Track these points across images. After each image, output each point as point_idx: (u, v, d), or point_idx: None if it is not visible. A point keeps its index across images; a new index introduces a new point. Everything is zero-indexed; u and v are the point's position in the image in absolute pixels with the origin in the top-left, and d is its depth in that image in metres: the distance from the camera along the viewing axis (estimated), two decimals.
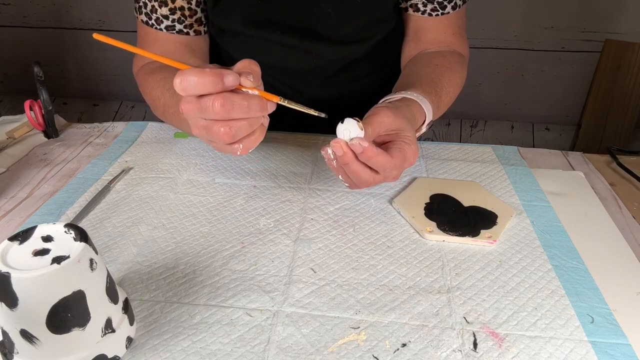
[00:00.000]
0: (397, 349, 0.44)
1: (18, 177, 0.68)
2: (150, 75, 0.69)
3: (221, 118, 0.44)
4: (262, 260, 0.54)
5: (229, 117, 0.44)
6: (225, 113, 0.43)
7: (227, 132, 0.45)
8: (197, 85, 0.43)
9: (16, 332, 0.37)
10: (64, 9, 1.95)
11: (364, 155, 0.49)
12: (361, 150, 0.49)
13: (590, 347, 0.44)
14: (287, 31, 0.72)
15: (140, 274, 0.51)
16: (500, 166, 0.72)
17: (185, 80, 0.43)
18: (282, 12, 0.71)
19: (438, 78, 0.67)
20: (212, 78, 0.42)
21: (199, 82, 0.42)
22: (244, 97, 0.44)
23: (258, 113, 0.45)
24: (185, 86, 0.43)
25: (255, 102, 0.45)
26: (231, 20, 0.72)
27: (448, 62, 0.71)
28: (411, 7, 0.75)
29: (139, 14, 0.72)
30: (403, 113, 0.55)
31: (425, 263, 0.54)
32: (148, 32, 0.72)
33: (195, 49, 0.74)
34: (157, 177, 0.68)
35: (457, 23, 0.76)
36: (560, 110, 1.96)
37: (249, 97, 0.44)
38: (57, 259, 0.37)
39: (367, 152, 0.49)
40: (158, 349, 0.43)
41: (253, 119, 0.46)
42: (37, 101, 0.75)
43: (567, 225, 0.60)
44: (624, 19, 1.75)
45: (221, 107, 0.43)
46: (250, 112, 0.45)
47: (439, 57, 0.73)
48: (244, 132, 0.46)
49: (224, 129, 0.45)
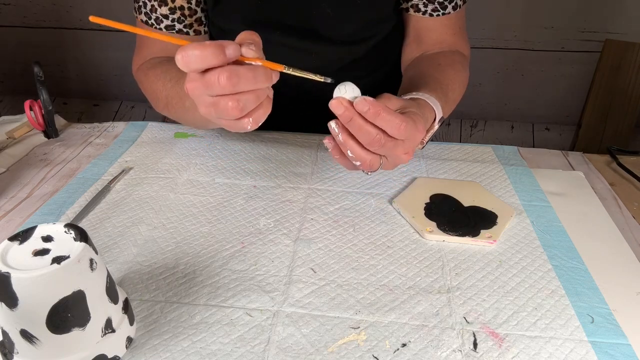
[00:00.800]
0: (397, 349, 0.44)
1: (18, 177, 0.68)
2: (150, 70, 0.69)
3: (228, 92, 0.43)
4: (262, 260, 0.54)
5: (236, 90, 0.43)
6: (232, 86, 0.43)
7: (236, 106, 0.44)
8: (199, 58, 0.42)
9: (16, 332, 0.37)
10: (64, 9, 1.95)
11: (371, 112, 0.46)
12: (367, 108, 0.46)
13: (590, 347, 0.44)
14: (287, 31, 0.72)
15: (140, 274, 0.51)
16: (500, 166, 0.72)
17: (187, 54, 0.42)
18: (282, 13, 0.71)
19: (442, 76, 0.66)
20: (213, 50, 0.41)
21: (200, 55, 0.42)
22: (249, 69, 0.43)
23: (264, 84, 0.44)
24: (187, 60, 0.42)
25: (260, 72, 0.44)
26: (231, 20, 0.72)
27: (450, 61, 0.71)
28: (412, 8, 0.75)
29: (138, 13, 0.72)
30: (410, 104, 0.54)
31: (425, 263, 0.54)
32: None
33: None
34: (157, 177, 0.68)
35: (458, 23, 0.76)
36: (560, 110, 1.96)
37: (254, 67, 0.43)
38: (57, 259, 0.37)
39: (375, 107, 0.46)
40: (158, 349, 0.43)
41: (260, 90, 0.45)
42: (37, 101, 0.75)
43: (567, 225, 0.60)
44: (624, 19, 1.75)
45: (227, 80, 0.42)
46: (256, 83, 0.44)
47: (441, 57, 0.72)
48: (252, 104, 0.45)
49: (232, 103, 0.44)
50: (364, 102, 0.46)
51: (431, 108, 0.58)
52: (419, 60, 0.75)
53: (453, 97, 0.67)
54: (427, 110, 0.58)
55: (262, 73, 0.44)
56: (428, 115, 0.58)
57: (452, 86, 0.66)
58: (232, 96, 0.44)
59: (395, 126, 0.47)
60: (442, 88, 0.63)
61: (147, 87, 0.70)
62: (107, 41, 1.96)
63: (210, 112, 0.46)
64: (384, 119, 0.47)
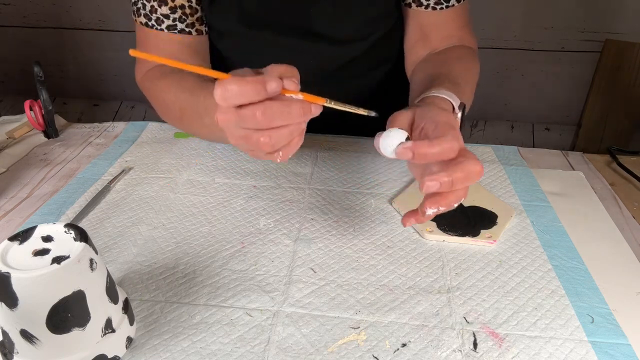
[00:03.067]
0: (397, 349, 0.44)
1: (18, 177, 0.68)
2: (160, 79, 0.67)
3: (262, 127, 0.42)
4: (262, 260, 0.54)
5: (270, 126, 0.42)
6: (267, 122, 0.42)
7: (267, 142, 0.43)
8: (239, 94, 0.41)
9: (16, 332, 0.37)
10: (63, 9, 1.95)
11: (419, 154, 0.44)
12: (411, 154, 0.44)
13: (590, 347, 0.44)
14: (285, 31, 0.72)
15: (140, 274, 0.51)
16: (500, 166, 0.72)
17: (227, 90, 0.41)
18: (280, 12, 0.70)
19: (449, 71, 0.63)
20: (254, 86, 0.40)
21: (241, 92, 0.41)
22: (285, 104, 0.42)
23: (300, 119, 0.43)
24: (227, 96, 0.41)
25: (296, 108, 0.42)
26: (227, 20, 0.71)
27: (457, 55, 0.69)
28: (414, 2, 0.73)
29: (137, 16, 0.70)
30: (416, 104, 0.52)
31: (425, 263, 0.54)
32: (148, 34, 0.70)
33: (198, 50, 0.72)
34: (157, 177, 0.68)
35: (464, 16, 0.74)
36: (560, 110, 1.96)
37: (290, 103, 0.42)
38: (57, 259, 0.37)
39: (419, 148, 0.44)
40: (158, 349, 0.43)
41: (294, 126, 0.44)
42: (37, 101, 0.75)
43: (567, 225, 0.60)
44: (624, 19, 1.75)
45: (263, 117, 0.41)
46: (292, 118, 0.42)
47: (448, 52, 0.70)
48: (285, 140, 0.44)
49: (264, 139, 0.43)
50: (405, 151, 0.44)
51: (442, 98, 0.55)
52: (426, 61, 0.72)
53: (467, 87, 0.63)
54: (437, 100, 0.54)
55: (298, 109, 0.42)
56: (440, 104, 0.54)
57: (463, 77, 0.63)
58: (265, 131, 0.43)
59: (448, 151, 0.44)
60: (449, 80, 0.60)
61: (155, 97, 0.68)
62: (107, 41, 1.96)
63: (240, 144, 0.45)
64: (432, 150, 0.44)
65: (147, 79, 0.70)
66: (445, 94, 0.55)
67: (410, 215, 0.48)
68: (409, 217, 0.48)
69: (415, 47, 0.76)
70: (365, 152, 0.74)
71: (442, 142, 0.44)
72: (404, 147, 0.44)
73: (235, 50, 0.77)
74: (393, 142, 0.45)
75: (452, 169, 0.44)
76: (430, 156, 0.44)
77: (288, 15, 0.70)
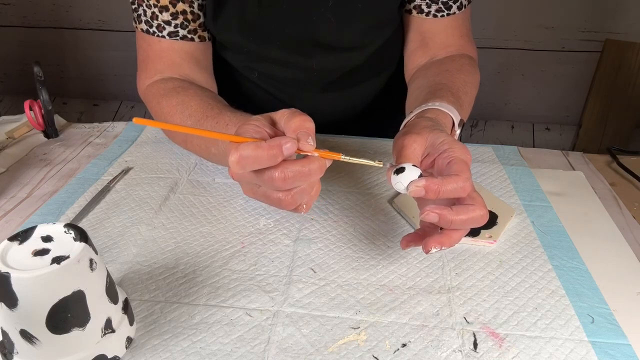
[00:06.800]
0: (397, 349, 0.44)
1: (18, 177, 0.68)
2: (164, 98, 0.65)
3: (281, 189, 0.42)
4: (262, 260, 0.53)
5: (289, 187, 0.42)
6: (286, 185, 0.42)
7: (290, 201, 0.43)
8: (255, 162, 0.40)
9: (16, 332, 0.37)
10: (63, 9, 1.95)
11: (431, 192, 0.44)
12: (424, 192, 0.44)
13: (590, 347, 0.44)
14: (287, 41, 0.71)
15: (140, 274, 0.51)
16: (500, 166, 0.72)
17: (243, 158, 0.40)
18: (282, 21, 0.69)
19: (451, 82, 0.64)
20: (270, 152, 0.40)
21: (257, 159, 0.40)
22: (303, 164, 0.41)
23: (318, 176, 0.43)
24: (244, 164, 0.40)
25: (315, 166, 0.42)
26: (230, 30, 0.70)
27: (458, 65, 0.69)
28: (415, 9, 0.73)
29: (137, 23, 0.68)
30: (422, 124, 0.51)
31: (425, 263, 0.54)
32: (150, 43, 0.69)
33: (200, 58, 0.71)
34: (157, 177, 0.68)
35: (464, 25, 0.74)
36: (560, 110, 1.96)
37: (309, 162, 0.42)
38: (57, 259, 0.37)
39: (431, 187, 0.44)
40: (158, 349, 0.43)
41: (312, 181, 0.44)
42: (37, 101, 0.75)
43: (567, 225, 0.60)
44: (624, 19, 1.75)
45: (282, 182, 0.41)
46: (310, 177, 0.42)
47: (449, 62, 0.70)
48: (305, 196, 0.44)
49: (285, 198, 0.43)
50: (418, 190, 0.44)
51: (444, 113, 0.56)
52: (426, 68, 0.72)
53: (467, 100, 0.64)
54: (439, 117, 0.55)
55: (316, 166, 0.42)
56: (443, 121, 0.55)
57: (463, 89, 0.64)
58: (285, 192, 0.43)
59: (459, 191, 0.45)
60: (452, 92, 0.61)
61: (160, 116, 0.66)
62: (107, 41, 1.96)
63: (259, 199, 0.45)
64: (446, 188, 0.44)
65: (151, 95, 0.68)
66: (446, 108, 0.56)
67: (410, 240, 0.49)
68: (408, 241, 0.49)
69: (415, 54, 0.76)
70: (366, 152, 0.74)
71: (456, 181, 0.44)
72: (416, 185, 0.44)
73: (239, 59, 0.77)
74: (406, 181, 0.45)
75: (457, 210, 0.44)
76: (442, 194, 0.44)
77: (290, 24, 0.70)
